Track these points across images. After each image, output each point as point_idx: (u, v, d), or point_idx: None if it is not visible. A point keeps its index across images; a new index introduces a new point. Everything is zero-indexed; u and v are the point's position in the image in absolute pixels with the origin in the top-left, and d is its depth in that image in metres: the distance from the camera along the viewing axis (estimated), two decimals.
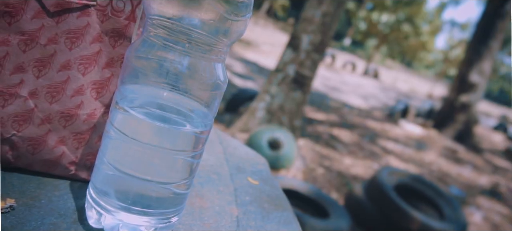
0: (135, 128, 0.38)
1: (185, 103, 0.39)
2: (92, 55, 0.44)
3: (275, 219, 0.51)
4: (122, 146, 0.38)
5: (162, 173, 0.38)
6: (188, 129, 0.38)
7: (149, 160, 0.37)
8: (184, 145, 0.38)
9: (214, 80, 0.38)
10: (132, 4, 0.44)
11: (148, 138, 0.37)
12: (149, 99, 0.39)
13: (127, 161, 0.37)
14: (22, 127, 0.42)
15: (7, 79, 0.41)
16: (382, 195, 2.42)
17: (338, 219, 2.06)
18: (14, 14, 0.41)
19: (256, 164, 0.67)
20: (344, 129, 4.81)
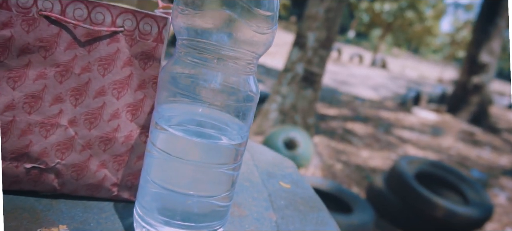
0: (175, 145, 0.39)
1: (221, 117, 0.40)
2: (124, 79, 0.45)
3: (313, 220, 0.52)
4: (164, 163, 0.39)
5: (205, 187, 0.39)
6: (226, 143, 0.39)
7: (191, 175, 0.39)
8: (224, 159, 0.39)
9: (247, 93, 0.39)
10: (159, 26, 0.45)
11: (189, 154, 0.38)
12: (186, 116, 0.40)
13: (170, 178, 0.39)
14: (65, 155, 0.44)
15: (47, 111, 0.43)
16: (403, 184, 2.40)
17: (362, 213, 2.05)
18: (49, 47, 0.43)
19: (284, 167, 0.68)
20: (358, 122, 4.79)
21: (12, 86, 0.42)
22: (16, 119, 0.42)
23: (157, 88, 0.42)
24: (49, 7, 0.42)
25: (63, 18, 0.42)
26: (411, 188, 2.36)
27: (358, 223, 1.92)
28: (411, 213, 2.35)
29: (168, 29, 0.46)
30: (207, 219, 0.40)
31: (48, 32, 0.42)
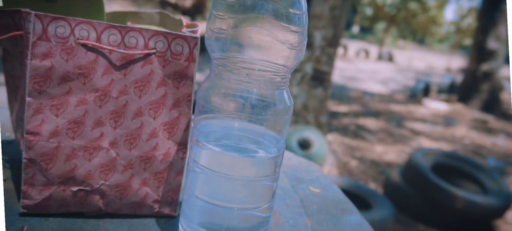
0: (217, 161, 0.41)
1: (257, 131, 0.41)
2: (159, 99, 0.47)
3: (347, 223, 0.53)
4: (207, 179, 0.41)
5: (247, 200, 0.40)
6: (265, 156, 0.41)
7: (234, 189, 0.40)
8: (263, 171, 0.40)
9: (281, 107, 0.41)
10: (190, 45, 0.47)
11: (230, 169, 0.40)
12: (224, 132, 0.41)
13: (214, 192, 0.40)
14: (108, 176, 0.45)
15: (89, 135, 0.45)
16: (420, 177, 2.40)
17: (381, 209, 2.05)
18: (87, 74, 0.44)
19: (311, 171, 0.69)
20: (369, 117, 4.78)
21: (56, 114, 0.44)
22: (61, 144, 0.44)
23: (194, 106, 0.44)
24: (85, 35, 0.44)
25: (99, 44, 0.44)
26: (428, 181, 2.35)
27: (378, 219, 1.92)
28: (430, 206, 2.34)
29: (199, 48, 0.47)
30: (250, 230, 0.41)
31: (85, 59, 0.44)
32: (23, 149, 0.43)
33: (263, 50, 0.39)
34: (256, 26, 0.38)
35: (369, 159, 3.24)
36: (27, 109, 0.43)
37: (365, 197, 2.16)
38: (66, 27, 0.43)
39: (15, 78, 0.53)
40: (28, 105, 0.43)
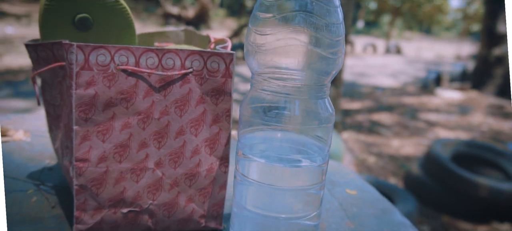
0: (263, 172, 0.41)
1: (302, 141, 0.42)
2: (199, 116, 0.48)
3: (389, 222, 0.53)
4: (256, 191, 0.41)
5: (296, 209, 0.41)
6: (311, 165, 0.42)
7: (282, 199, 0.41)
8: (310, 180, 0.41)
9: (324, 115, 0.41)
10: (225, 62, 0.48)
11: (277, 180, 0.41)
12: (269, 143, 0.42)
13: (263, 203, 0.41)
14: (156, 195, 0.47)
15: (135, 157, 0.46)
16: (441, 169, 2.38)
17: (404, 203, 2.04)
18: (129, 98, 0.46)
19: (345, 174, 0.70)
20: (383, 112, 4.75)
21: (102, 139, 0.45)
22: (109, 168, 0.45)
23: (239, 120, 0.45)
24: (125, 61, 0.45)
25: (138, 69, 0.46)
26: (450, 171, 2.33)
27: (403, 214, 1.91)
28: (453, 197, 2.32)
29: (234, 64, 0.48)
30: None
31: (126, 84, 0.46)
32: (74, 175, 0.45)
33: (302, 62, 0.40)
34: (294, 38, 0.39)
35: (386, 154, 3.22)
36: (75, 137, 0.44)
37: (387, 192, 2.15)
38: (106, 55, 0.45)
39: (56, 107, 0.54)
40: (75, 133, 0.44)
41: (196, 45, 0.66)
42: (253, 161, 0.42)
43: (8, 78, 4.39)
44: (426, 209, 2.35)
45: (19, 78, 4.48)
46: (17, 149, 0.65)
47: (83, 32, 0.53)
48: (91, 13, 0.52)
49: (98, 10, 0.53)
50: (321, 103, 0.41)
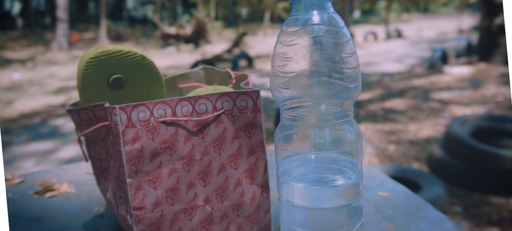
0: (304, 195, 0.45)
1: (335, 160, 0.46)
2: (236, 151, 0.52)
3: (426, 219, 0.57)
4: (300, 212, 0.45)
5: (340, 224, 0.45)
6: (347, 183, 0.45)
7: (326, 217, 0.45)
8: (349, 196, 0.45)
9: (351, 138, 0.45)
10: (253, 99, 0.52)
11: (318, 201, 0.45)
12: (305, 167, 0.46)
13: (310, 223, 0.45)
14: (209, 229, 0.51)
15: (185, 198, 0.50)
16: (462, 147, 2.38)
17: (431, 187, 2.05)
18: (172, 146, 0.50)
19: (374, 176, 0.73)
20: (394, 98, 4.75)
21: (153, 187, 0.50)
22: (164, 212, 0.50)
23: (274, 149, 0.49)
24: (163, 113, 0.50)
25: (176, 118, 0.50)
26: (472, 148, 2.33)
27: (431, 198, 1.92)
28: (480, 173, 2.32)
29: (261, 99, 0.52)
30: None
31: (167, 133, 0.50)
32: (133, 223, 0.49)
33: (325, 92, 0.44)
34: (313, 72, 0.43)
35: (405, 140, 3.22)
36: (129, 189, 0.49)
37: (413, 179, 2.15)
38: (146, 111, 0.49)
39: (102, 161, 0.59)
40: (129, 185, 0.49)
41: (216, 80, 0.70)
42: (294, 186, 0.46)
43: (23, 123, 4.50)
44: (455, 190, 2.35)
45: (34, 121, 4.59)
46: (66, 200, 0.70)
47: (118, 90, 0.58)
48: (122, 72, 0.57)
49: (128, 68, 0.57)
50: (349, 125, 0.45)
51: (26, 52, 12.08)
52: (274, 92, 0.47)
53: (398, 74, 6.59)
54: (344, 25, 0.45)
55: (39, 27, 20.37)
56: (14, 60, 10.47)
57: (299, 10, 0.45)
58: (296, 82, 0.44)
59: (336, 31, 0.44)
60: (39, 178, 0.79)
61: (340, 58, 0.43)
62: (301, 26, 0.44)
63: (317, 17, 0.44)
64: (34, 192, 0.72)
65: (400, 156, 2.91)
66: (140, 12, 29.07)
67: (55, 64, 9.78)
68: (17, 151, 3.52)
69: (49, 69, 9.03)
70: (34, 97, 6.05)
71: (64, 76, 8.11)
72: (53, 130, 4.19)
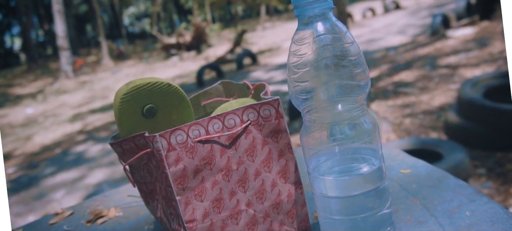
0: (334, 186, 0.51)
1: (358, 150, 0.51)
2: (267, 156, 0.58)
3: (448, 189, 0.62)
4: (334, 202, 0.51)
5: (372, 206, 0.50)
6: (371, 169, 0.50)
7: (358, 202, 0.50)
8: (376, 180, 0.50)
9: (369, 127, 0.50)
10: (274, 107, 0.57)
11: (348, 189, 0.50)
12: (332, 160, 0.52)
13: (345, 210, 0.50)
14: (254, 229, 0.57)
15: (229, 205, 0.56)
16: (477, 108, 2.40)
17: (452, 154, 2.08)
18: (210, 161, 0.56)
19: (394, 156, 0.78)
20: (402, 71, 4.76)
21: (200, 200, 0.55)
22: (213, 220, 0.55)
23: (302, 148, 0.54)
24: (197, 134, 0.56)
25: (209, 136, 0.56)
26: (487, 108, 2.34)
27: (454, 165, 1.95)
28: (498, 132, 2.33)
29: (282, 105, 0.58)
30: (383, 226, 0.51)
31: (204, 151, 0.56)
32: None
33: (339, 93, 0.49)
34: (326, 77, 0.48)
35: (419, 111, 3.24)
36: (179, 206, 0.55)
37: (433, 149, 2.19)
38: (182, 134, 0.55)
39: (147, 184, 0.65)
40: (179, 202, 0.55)
41: (235, 92, 0.76)
42: (324, 179, 0.51)
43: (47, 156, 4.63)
44: (476, 152, 2.37)
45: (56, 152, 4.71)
46: (116, 224, 0.76)
47: (151, 118, 0.64)
48: (153, 101, 0.63)
49: (157, 97, 0.63)
50: (363, 119, 0.50)
51: (34, 86, 12.31)
52: (293, 99, 0.52)
53: (402, 46, 6.58)
54: (346, 29, 0.50)
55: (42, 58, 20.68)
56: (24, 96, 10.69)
57: (304, 23, 0.50)
58: (311, 88, 0.49)
59: (340, 38, 0.49)
60: (86, 207, 0.86)
61: (348, 61, 0.48)
62: (308, 37, 0.49)
63: (322, 27, 0.49)
64: (86, 220, 0.78)
65: (417, 128, 2.93)
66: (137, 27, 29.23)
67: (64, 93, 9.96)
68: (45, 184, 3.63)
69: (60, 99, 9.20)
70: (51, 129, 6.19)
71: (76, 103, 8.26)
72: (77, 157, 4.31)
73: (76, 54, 17.64)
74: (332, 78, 0.48)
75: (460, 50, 4.93)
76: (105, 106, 7.19)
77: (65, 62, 12.40)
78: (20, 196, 3.42)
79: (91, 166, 3.84)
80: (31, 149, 5.14)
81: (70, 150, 4.66)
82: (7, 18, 23.04)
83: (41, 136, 5.86)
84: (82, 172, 3.70)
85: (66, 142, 5.12)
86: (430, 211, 0.58)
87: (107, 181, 3.28)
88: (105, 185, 2.98)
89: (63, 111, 7.58)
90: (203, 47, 13.36)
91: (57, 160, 4.36)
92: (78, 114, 6.95)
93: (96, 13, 16.71)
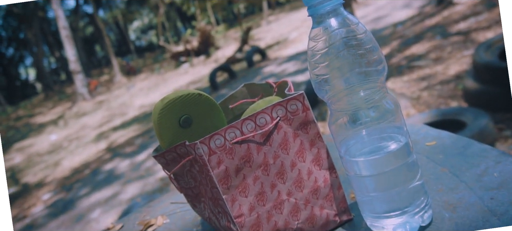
0: (366, 166, 0.55)
1: (384, 129, 0.55)
2: (300, 147, 0.62)
3: (474, 155, 0.65)
4: (367, 180, 0.55)
5: (404, 179, 0.54)
6: (399, 145, 0.54)
7: (391, 178, 0.54)
8: (405, 155, 0.54)
9: (391, 108, 0.54)
10: (300, 100, 0.61)
11: (380, 167, 0.54)
12: (360, 143, 0.56)
13: (381, 186, 0.54)
14: (298, 216, 0.61)
15: (271, 197, 0.61)
16: (495, 72, 2.38)
17: (476, 121, 2.08)
18: (248, 159, 0.61)
19: (417, 130, 0.81)
20: (413, 44, 4.72)
21: (245, 196, 0.60)
22: (259, 213, 0.60)
23: (331, 135, 0.58)
24: (233, 136, 0.60)
25: (245, 136, 0.60)
26: (504, 70, 2.33)
27: (479, 131, 1.95)
28: None
29: (307, 98, 0.62)
30: (417, 197, 0.55)
31: (242, 150, 0.61)
32: (237, 229, 0.60)
33: (359, 80, 0.53)
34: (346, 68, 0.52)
35: (436, 82, 3.23)
36: (226, 203, 0.60)
37: (455, 118, 2.19)
38: (220, 138, 0.60)
39: (192, 189, 0.70)
40: (226, 200, 0.60)
41: (259, 93, 0.80)
42: (356, 161, 0.55)
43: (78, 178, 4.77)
44: (499, 115, 2.36)
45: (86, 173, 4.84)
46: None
47: (188, 128, 0.69)
48: (187, 112, 0.68)
49: (191, 107, 0.68)
50: (385, 101, 0.54)
51: (54, 112, 12.61)
52: (317, 92, 0.56)
53: (410, 20, 6.51)
54: (358, 21, 0.54)
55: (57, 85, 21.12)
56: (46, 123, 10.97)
57: (318, 21, 0.54)
58: (332, 80, 0.53)
59: (353, 30, 0.53)
60: (134, 219, 0.92)
61: (364, 50, 0.52)
62: (323, 33, 0.53)
63: (335, 22, 0.53)
64: None
65: (436, 100, 2.93)
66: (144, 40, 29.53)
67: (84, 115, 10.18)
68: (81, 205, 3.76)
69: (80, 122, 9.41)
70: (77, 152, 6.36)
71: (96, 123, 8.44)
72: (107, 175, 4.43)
73: (89, 76, 17.98)
74: (351, 67, 0.52)
75: (469, 15, 4.87)
76: (125, 123, 7.34)
77: (80, 85, 12.67)
78: (59, 220, 3.55)
79: (122, 182, 3.95)
80: (62, 174, 5.30)
81: (99, 169, 4.80)
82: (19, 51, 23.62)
83: (69, 159, 6.03)
84: (115, 189, 3.81)
85: (94, 162, 5.27)
86: (459, 177, 0.61)
87: (140, 194, 3.37)
88: (139, 198, 3.08)
89: (86, 133, 7.77)
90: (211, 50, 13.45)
91: (88, 180, 4.49)
92: (101, 133, 7.12)
93: (102, 32, 16.99)
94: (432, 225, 0.54)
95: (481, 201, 0.54)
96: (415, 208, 0.54)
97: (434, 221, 0.55)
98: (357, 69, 0.53)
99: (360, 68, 0.53)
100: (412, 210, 0.54)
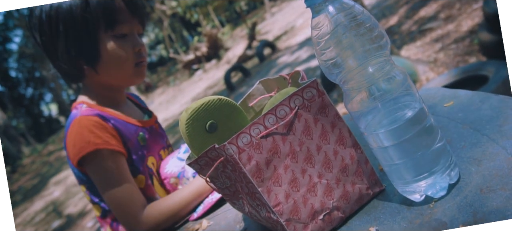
0: (387, 137, 0.58)
1: (398, 99, 0.57)
2: (322, 130, 0.65)
3: (492, 107, 0.66)
4: (393, 149, 0.58)
5: (426, 143, 0.57)
6: (414, 111, 0.57)
7: (414, 143, 0.56)
8: (422, 119, 0.57)
9: (401, 77, 0.57)
10: (314, 87, 0.64)
11: (401, 134, 0.57)
12: (378, 116, 0.58)
13: (405, 152, 0.57)
14: (332, 195, 0.64)
15: (304, 182, 0.64)
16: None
17: (497, 73, 2.05)
18: (276, 150, 0.64)
19: (434, 94, 0.83)
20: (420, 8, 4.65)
21: (279, 185, 0.64)
22: (295, 198, 0.64)
23: (349, 113, 0.61)
24: (258, 131, 0.64)
25: (268, 130, 0.64)
26: None
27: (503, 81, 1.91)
28: None
29: (321, 84, 0.65)
30: (441, 157, 0.57)
31: (268, 144, 0.64)
32: (278, 217, 0.64)
33: (365, 58, 0.56)
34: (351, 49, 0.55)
35: (450, 41, 3.19)
36: (263, 195, 0.63)
37: (477, 73, 2.16)
38: (246, 136, 0.63)
39: (229, 188, 0.74)
40: (262, 193, 0.63)
41: (275, 87, 0.83)
42: (377, 134, 0.58)
43: None
44: None
45: None
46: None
47: (214, 132, 0.73)
48: (211, 117, 0.72)
49: (214, 112, 0.72)
50: (393, 72, 0.57)
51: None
52: (328, 76, 0.59)
53: None
54: (354, 3, 0.56)
55: None
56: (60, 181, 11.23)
57: (316, 10, 0.57)
58: (340, 62, 0.56)
59: (351, 12, 0.55)
60: (181, 229, 0.97)
61: (364, 28, 0.55)
62: (323, 21, 0.56)
63: (333, 9, 0.56)
64: None
65: (453, 59, 2.89)
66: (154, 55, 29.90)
67: None
68: None
69: None
70: None
71: None
72: None
73: None
74: (355, 47, 0.55)
75: None
76: None
77: None
78: None
79: None
80: None
81: None
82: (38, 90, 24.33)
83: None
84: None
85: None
86: (481, 131, 0.63)
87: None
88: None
89: None
90: (221, 52, 13.53)
91: None
92: None
93: None
94: (461, 181, 0.57)
95: (504, 150, 0.56)
96: (441, 167, 0.57)
97: (462, 177, 0.57)
98: (361, 48, 0.55)
99: (364, 46, 0.55)
100: (438, 170, 0.57)
